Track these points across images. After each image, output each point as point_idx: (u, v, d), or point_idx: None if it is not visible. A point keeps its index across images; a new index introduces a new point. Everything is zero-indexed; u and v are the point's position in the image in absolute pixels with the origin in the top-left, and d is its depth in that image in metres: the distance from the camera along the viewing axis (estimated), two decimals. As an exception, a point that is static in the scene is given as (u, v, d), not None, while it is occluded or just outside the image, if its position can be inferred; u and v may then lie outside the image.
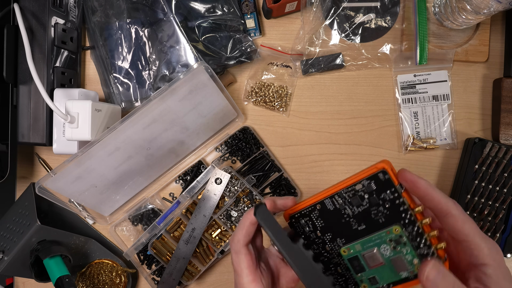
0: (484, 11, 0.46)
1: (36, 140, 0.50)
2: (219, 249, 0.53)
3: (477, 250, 0.29)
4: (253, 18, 0.55)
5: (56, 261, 0.49)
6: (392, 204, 0.30)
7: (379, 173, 0.30)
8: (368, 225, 0.32)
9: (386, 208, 0.30)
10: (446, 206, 0.29)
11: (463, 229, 0.29)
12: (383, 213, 0.31)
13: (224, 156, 0.56)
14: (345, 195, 0.32)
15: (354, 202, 0.31)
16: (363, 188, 0.31)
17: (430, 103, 0.55)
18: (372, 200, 0.31)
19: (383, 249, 0.32)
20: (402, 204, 0.30)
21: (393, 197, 0.30)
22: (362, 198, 0.31)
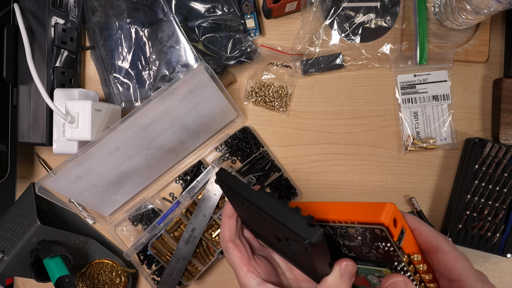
0: (484, 11, 0.46)
1: (36, 140, 0.50)
2: (219, 249, 0.53)
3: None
4: (253, 18, 0.55)
5: (56, 261, 0.49)
6: (386, 253, 0.27)
7: (376, 228, 0.26)
8: (358, 255, 0.30)
9: (378, 253, 0.28)
10: (436, 240, 0.28)
11: (455, 267, 0.27)
12: (374, 254, 0.28)
13: (224, 156, 0.56)
14: (337, 229, 0.29)
15: (346, 237, 0.29)
16: (356, 232, 0.27)
17: (430, 103, 0.55)
18: (365, 243, 0.28)
19: (370, 277, 0.30)
20: (397, 256, 0.27)
21: (388, 249, 0.27)
22: (355, 238, 0.28)
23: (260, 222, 0.32)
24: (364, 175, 0.56)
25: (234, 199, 0.32)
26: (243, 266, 0.32)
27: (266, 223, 0.30)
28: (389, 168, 0.56)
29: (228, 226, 0.34)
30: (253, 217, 0.32)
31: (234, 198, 0.32)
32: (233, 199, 0.33)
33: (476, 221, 0.52)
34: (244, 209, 0.32)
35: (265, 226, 0.31)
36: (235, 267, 0.33)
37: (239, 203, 0.32)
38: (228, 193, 0.33)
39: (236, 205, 0.34)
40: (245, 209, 0.32)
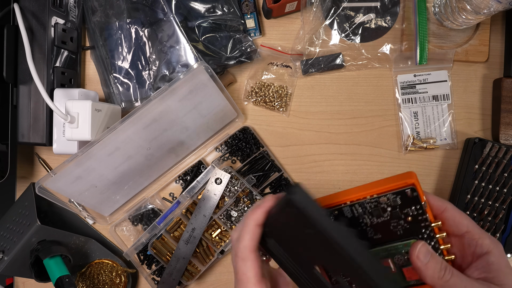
0: (484, 11, 0.46)
1: (36, 140, 0.50)
2: (219, 249, 0.53)
3: (481, 239, 0.30)
4: (253, 18, 0.55)
5: (56, 261, 0.49)
6: (414, 219, 0.30)
7: (407, 190, 0.29)
8: (385, 235, 0.31)
9: (407, 222, 0.30)
10: (442, 202, 0.32)
11: (462, 220, 0.31)
12: (402, 226, 0.30)
13: (224, 156, 0.56)
14: (367, 205, 0.30)
15: (375, 213, 0.30)
16: (387, 201, 0.30)
17: (430, 103, 0.55)
18: (394, 214, 0.30)
19: (396, 259, 0.31)
20: (425, 220, 0.30)
21: (417, 213, 0.30)
22: (384, 211, 0.30)
23: (308, 248, 0.29)
24: (364, 175, 0.56)
25: (289, 217, 0.28)
26: (256, 283, 0.29)
27: (319, 253, 0.28)
28: (389, 168, 0.56)
29: (255, 235, 0.30)
30: (300, 241, 0.29)
31: (290, 217, 0.28)
32: (287, 216, 0.28)
33: (476, 221, 0.52)
34: (289, 228, 0.29)
35: (312, 255, 0.29)
36: (246, 281, 0.29)
37: (298, 224, 0.27)
38: (288, 210, 0.28)
39: (281, 220, 0.29)
40: (290, 229, 0.29)
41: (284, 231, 0.30)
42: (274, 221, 0.30)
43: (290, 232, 0.29)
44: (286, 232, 0.30)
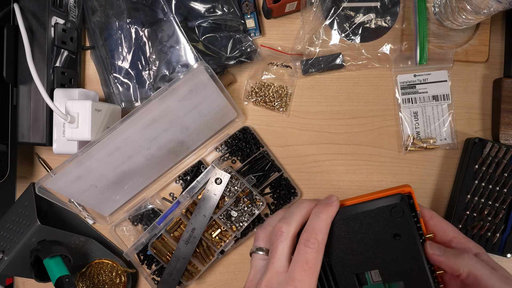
0: (484, 11, 0.46)
1: (36, 140, 0.50)
2: (219, 249, 0.53)
3: (467, 242, 0.32)
4: (253, 18, 0.55)
5: (56, 261, 0.49)
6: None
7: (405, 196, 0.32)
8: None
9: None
10: (428, 211, 0.34)
11: (448, 226, 0.33)
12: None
13: (224, 156, 0.56)
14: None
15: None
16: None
17: (430, 103, 0.55)
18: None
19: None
20: (419, 229, 0.32)
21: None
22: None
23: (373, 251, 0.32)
24: (364, 175, 0.56)
25: (376, 220, 0.31)
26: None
27: (383, 258, 0.32)
28: (389, 168, 0.56)
29: (328, 231, 0.31)
30: (368, 244, 0.32)
31: (377, 220, 0.31)
32: (373, 219, 0.31)
33: (476, 221, 0.52)
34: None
35: (373, 258, 0.32)
36: (316, 270, 0.30)
37: (385, 229, 0.31)
38: (383, 214, 0.31)
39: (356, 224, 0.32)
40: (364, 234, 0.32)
41: (353, 234, 0.32)
42: (345, 225, 0.32)
43: (360, 235, 0.32)
44: (353, 234, 0.32)
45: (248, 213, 0.53)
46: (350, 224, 0.32)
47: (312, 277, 0.29)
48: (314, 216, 0.31)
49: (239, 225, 0.53)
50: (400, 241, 0.31)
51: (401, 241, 0.31)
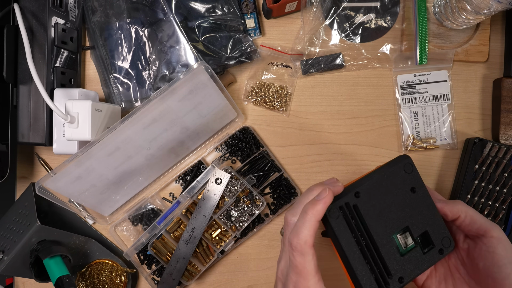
0: (484, 11, 0.46)
1: (36, 140, 0.50)
2: (219, 249, 0.53)
3: (454, 203, 0.36)
4: (253, 18, 0.55)
5: (56, 261, 0.49)
6: None
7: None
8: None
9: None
10: (432, 192, 0.38)
11: (459, 208, 0.36)
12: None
13: (224, 156, 0.56)
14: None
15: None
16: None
17: (430, 103, 0.55)
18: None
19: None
20: None
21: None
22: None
23: (397, 211, 0.35)
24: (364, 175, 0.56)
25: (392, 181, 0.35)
26: (315, 275, 0.31)
27: (407, 215, 0.35)
28: (389, 168, 0.56)
29: (315, 231, 0.31)
30: (392, 205, 0.35)
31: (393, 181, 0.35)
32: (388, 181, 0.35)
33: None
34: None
35: (400, 218, 0.35)
36: (306, 274, 0.31)
37: (401, 188, 0.35)
38: (395, 175, 0.35)
39: (375, 189, 0.34)
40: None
41: (375, 200, 0.34)
42: (369, 192, 0.34)
43: (383, 199, 0.34)
44: (376, 200, 0.34)
45: (248, 213, 0.53)
46: (373, 193, 0.34)
47: (305, 276, 0.31)
48: (301, 215, 0.32)
49: (239, 225, 0.53)
50: (416, 194, 0.35)
51: (417, 194, 0.35)
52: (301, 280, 0.31)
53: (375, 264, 0.34)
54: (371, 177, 0.35)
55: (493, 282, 0.33)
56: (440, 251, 0.35)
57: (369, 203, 0.34)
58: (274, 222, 0.56)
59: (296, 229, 0.31)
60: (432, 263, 0.35)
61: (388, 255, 0.34)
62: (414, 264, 0.35)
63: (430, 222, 0.36)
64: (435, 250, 0.35)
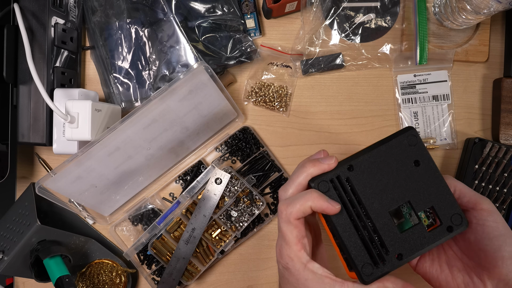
0: (484, 11, 0.46)
1: (36, 140, 0.50)
2: (219, 249, 0.53)
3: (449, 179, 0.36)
4: (253, 18, 0.55)
5: (56, 261, 0.49)
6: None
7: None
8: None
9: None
10: None
11: (448, 183, 0.35)
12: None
13: (224, 156, 0.56)
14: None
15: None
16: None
17: (430, 103, 0.55)
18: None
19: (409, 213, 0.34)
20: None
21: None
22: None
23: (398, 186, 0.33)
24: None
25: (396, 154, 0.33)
26: (297, 243, 0.33)
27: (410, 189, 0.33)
28: (389, 168, 0.56)
29: (304, 213, 0.32)
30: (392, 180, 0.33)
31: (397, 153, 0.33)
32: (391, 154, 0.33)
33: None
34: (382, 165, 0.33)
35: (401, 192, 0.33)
36: (289, 241, 0.33)
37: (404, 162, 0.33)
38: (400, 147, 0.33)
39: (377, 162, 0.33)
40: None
41: (372, 173, 0.33)
42: (368, 165, 0.33)
43: (381, 173, 0.33)
44: (373, 174, 0.33)
45: (248, 213, 0.53)
46: (369, 166, 0.33)
47: (287, 243, 0.33)
48: (303, 192, 0.33)
49: (239, 225, 0.53)
50: (420, 167, 0.33)
51: (421, 167, 0.33)
52: (284, 245, 0.33)
53: (369, 239, 0.33)
54: (368, 150, 0.33)
55: (485, 255, 0.32)
56: (449, 229, 0.33)
57: (364, 177, 0.33)
58: (274, 222, 0.56)
59: (289, 202, 0.33)
60: (439, 241, 0.33)
61: (385, 231, 0.32)
62: (416, 241, 0.32)
63: (437, 197, 0.33)
64: (442, 228, 0.33)
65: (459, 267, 0.35)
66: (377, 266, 0.32)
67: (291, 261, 0.33)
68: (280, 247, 0.33)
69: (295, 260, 0.32)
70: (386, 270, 0.32)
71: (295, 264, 0.32)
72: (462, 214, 0.33)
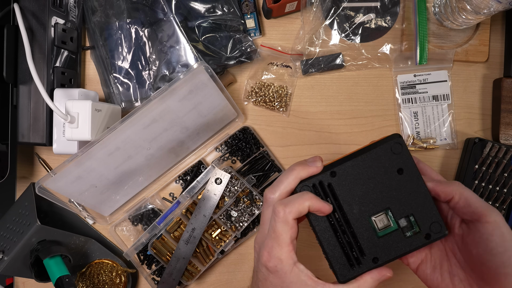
0: (484, 11, 0.46)
1: (36, 140, 0.50)
2: (219, 249, 0.53)
3: (448, 186, 0.34)
4: (253, 18, 0.55)
5: (56, 261, 0.49)
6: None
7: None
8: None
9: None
10: (429, 171, 0.37)
11: (431, 173, 0.36)
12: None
13: (224, 156, 0.56)
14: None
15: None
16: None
17: (430, 103, 0.55)
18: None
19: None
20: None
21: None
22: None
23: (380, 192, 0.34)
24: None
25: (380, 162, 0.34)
26: (290, 244, 0.33)
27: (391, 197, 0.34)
28: (389, 168, 0.56)
29: (301, 213, 0.33)
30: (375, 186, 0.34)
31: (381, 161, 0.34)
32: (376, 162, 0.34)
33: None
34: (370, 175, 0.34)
35: (382, 199, 0.34)
36: (282, 240, 0.33)
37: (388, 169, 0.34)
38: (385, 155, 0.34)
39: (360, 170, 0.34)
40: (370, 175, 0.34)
41: (353, 180, 0.34)
42: (350, 171, 0.34)
43: (363, 180, 0.34)
44: (355, 181, 0.34)
45: (248, 213, 0.53)
46: (356, 169, 0.34)
47: (280, 243, 0.33)
48: (299, 194, 0.33)
49: (239, 225, 0.53)
50: (403, 176, 0.34)
51: (404, 175, 0.34)
52: (276, 246, 0.33)
53: (347, 243, 0.34)
54: (352, 156, 0.34)
55: (488, 270, 0.31)
56: (427, 236, 0.34)
57: (346, 183, 0.34)
58: (274, 222, 0.56)
59: (288, 201, 0.33)
60: (416, 247, 0.34)
61: (363, 235, 0.34)
62: (392, 246, 0.34)
63: (418, 205, 0.34)
64: (420, 235, 0.34)
65: (461, 277, 0.34)
66: (353, 267, 0.34)
67: (280, 263, 0.33)
68: (270, 248, 0.33)
69: (284, 261, 0.32)
70: (361, 271, 0.34)
71: (283, 266, 0.33)
72: (442, 223, 0.34)
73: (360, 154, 0.34)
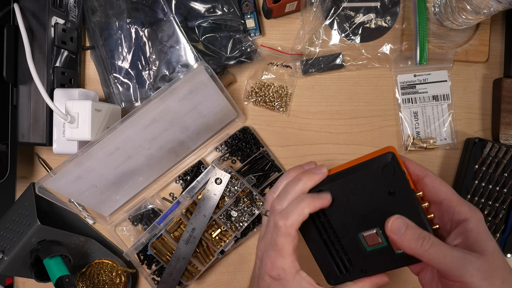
0: (484, 11, 0.46)
1: (36, 140, 0.50)
2: (219, 249, 0.53)
3: (458, 206, 0.32)
4: (253, 18, 0.55)
5: (56, 261, 0.49)
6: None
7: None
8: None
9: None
10: (423, 169, 0.34)
11: (441, 187, 0.33)
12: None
13: (224, 156, 0.56)
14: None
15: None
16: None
17: (430, 103, 0.55)
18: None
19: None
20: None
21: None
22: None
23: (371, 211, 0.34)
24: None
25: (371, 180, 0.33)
26: (293, 254, 0.33)
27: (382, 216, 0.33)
28: (389, 168, 0.56)
29: (303, 220, 0.33)
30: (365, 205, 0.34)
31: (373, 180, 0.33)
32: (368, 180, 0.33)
33: (476, 221, 0.51)
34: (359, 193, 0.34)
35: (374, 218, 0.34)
36: (284, 253, 0.33)
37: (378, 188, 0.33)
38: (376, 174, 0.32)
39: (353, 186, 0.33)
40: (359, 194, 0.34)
41: (350, 197, 0.34)
42: (340, 190, 0.34)
43: (351, 199, 0.34)
44: (344, 200, 0.34)
45: (248, 213, 0.53)
46: (346, 188, 0.34)
47: (283, 255, 0.33)
48: (296, 201, 0.34)
49: (239, 225, 0.53)
50: (395, 198, 0.33)
51: (396, 198, 0.33)
52: (279, 257, 0.33)
53: (336, 253, 0.36)
54: (343, 174, 0.34)
55: None
56: (409, 258, 0.33)
57: (337, 201, 0.34)
58: (274, 222, 0.56)
59: (287, 213, 0.33)
60: (405, 265, 0.34)
61: (351, 248, 0.35)
62: (381, 261, 0.34)
63: None
64: (406, 254, 0.33)
65: None
66: (342, 275, 0.36)
67: (283, 272, 0.33)
68: (273, 259, 0.34)
69: (287, 270, 0.33)
70: (349, 279, 0.35)
71: (286, 275, 0.33)
72: None
73: (353, 172, 0.34)
